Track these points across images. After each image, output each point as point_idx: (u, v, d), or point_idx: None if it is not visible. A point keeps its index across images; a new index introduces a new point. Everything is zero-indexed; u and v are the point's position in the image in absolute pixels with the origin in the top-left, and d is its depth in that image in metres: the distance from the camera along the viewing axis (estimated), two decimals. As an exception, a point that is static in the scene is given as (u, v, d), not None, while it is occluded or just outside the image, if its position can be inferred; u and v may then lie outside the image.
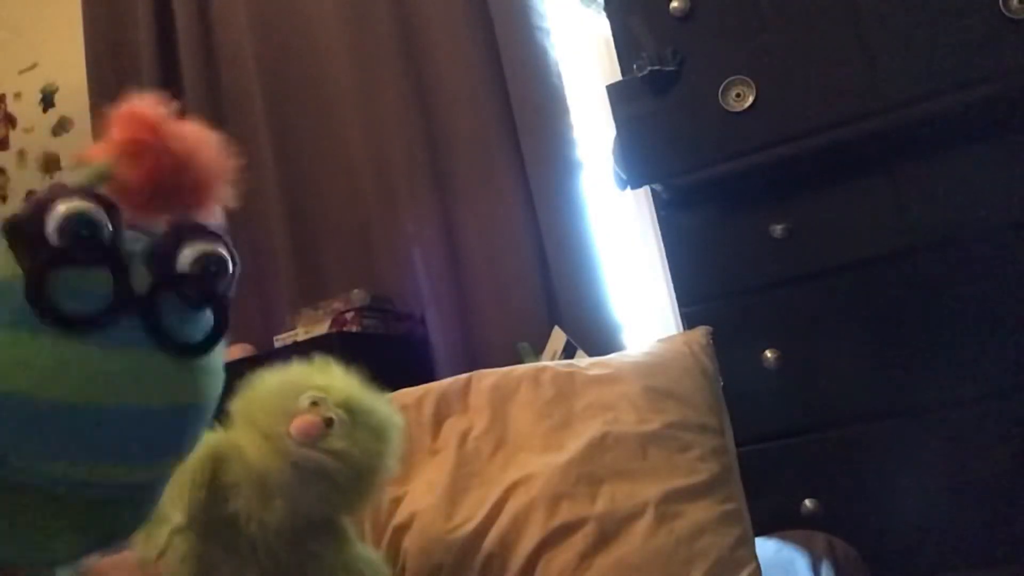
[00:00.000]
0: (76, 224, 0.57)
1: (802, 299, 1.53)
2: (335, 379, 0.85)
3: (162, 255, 0.62)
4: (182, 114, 0.67)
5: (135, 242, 0.62)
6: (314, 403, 0.79)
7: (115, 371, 0.58)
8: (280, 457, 0.76)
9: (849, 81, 1.43)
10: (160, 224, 0.64)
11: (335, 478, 0.78)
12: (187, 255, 0.61)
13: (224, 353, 0.68)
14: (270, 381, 0.83)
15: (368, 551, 0.90)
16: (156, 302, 0.60)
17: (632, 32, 1.59)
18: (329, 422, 0.78)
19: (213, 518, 0.77)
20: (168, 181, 0.64)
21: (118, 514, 0.63)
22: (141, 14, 2.50)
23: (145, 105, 0.65)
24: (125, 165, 0.63)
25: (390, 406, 0.88)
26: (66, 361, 0.56)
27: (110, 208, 0.60)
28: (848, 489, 1.46)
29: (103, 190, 0.61)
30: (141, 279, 0.60)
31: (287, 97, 2.32)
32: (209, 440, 0.79)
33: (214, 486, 0.79)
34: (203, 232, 0.64)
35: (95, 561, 0.73)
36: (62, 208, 0.57)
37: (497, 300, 1.99)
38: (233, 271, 0.65)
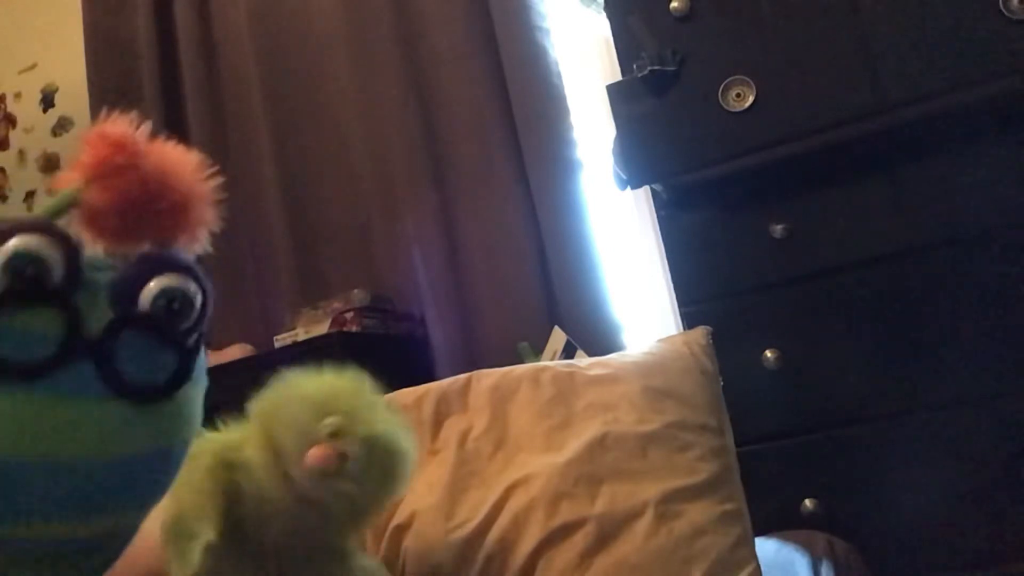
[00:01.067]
0: (22, 262, 0.54)
1: (802, 299, 1.53)
2: (361, 407, 0.80)
3: (123, 291, 0.58)
4: (155, 135, 0.63)
5: (103, 272, 0.59)
6: (334, 433, 0.76)
7: (66, 421, 0.54)
8: (286, 484, 0.75)
9: (849, 81, 1.43)
10: (137, 252, 0.61)
11: (336, 516, 0.78)
12: (150, 290, 0.58)
13: (200, 392, 0.64)
14: (298, 390, 0.80)
15: (367, 560, 0.90)
16: (112, 345, 0.56)
17: (632, 32, 1.59)
18: (344, 457, 0.75)
19: (224, 521, 0.77)
20: (142, 204, 0.60)
21: (80, 564, 0.59)
22: (141, 14, 2.50)
23: (116, 127, 0.61)
24: (96, 189, 0.59)
25: (409, 438, 0.84)
26: (9, 414, 0.53)
27: (67, 245, 0.56)
28: (848, 489, 1.46)
29: (69, 219, 0.59)
30: (99, 318, 0.57)
31: (287, 97, 2.32)
32: (217, 442, 0.79)
33: (225, 490, 0.77)
34: (171, 265, 0.60)
35: None
36: (11, 244, 0.54)
37: (497, 300, 1.99)
38: (203, 307, 0.61)
